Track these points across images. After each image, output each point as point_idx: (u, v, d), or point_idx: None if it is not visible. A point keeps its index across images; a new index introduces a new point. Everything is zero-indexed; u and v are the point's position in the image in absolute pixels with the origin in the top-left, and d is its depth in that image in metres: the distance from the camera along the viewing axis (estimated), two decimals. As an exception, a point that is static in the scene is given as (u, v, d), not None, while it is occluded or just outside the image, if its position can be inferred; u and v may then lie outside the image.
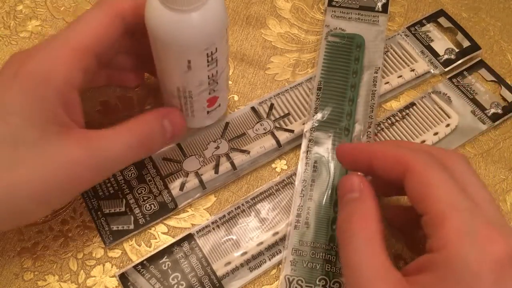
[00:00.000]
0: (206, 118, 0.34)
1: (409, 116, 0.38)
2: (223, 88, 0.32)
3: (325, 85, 0.37)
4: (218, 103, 0.33)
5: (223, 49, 0.29)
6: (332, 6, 0.42)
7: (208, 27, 0.27)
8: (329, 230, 0.32)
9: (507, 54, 0.42)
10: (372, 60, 0.39)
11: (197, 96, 0.31)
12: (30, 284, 0.31)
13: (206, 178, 0.34)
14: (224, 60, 0.30)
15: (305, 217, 0.32)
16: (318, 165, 0.34)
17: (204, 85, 0.30)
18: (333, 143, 0.35)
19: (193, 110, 0.32)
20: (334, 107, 0.36)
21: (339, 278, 0.30)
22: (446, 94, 0.39)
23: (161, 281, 0.31)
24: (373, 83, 0.38)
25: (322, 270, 0.31)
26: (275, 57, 0.41)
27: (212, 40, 0.27)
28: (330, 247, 0.31)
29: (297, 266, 0.31)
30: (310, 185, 0.34)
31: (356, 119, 0.36)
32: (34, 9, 0.42)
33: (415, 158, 0.26)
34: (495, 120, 0.38)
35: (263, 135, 0.36)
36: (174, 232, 0.33)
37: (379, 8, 0.41)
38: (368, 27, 0.40)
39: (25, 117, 0.26)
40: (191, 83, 0.30)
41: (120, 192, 0.34)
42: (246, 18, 0.43)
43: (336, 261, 0.31)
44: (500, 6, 0.45)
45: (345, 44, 0.39)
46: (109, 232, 0.32)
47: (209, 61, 0.28)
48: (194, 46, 0.27)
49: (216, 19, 0.27)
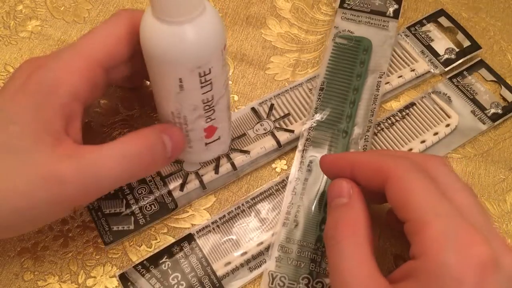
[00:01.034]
0: (204, 151, 0.32)
1: (409, 116, 0.38)
2: (223, 118, 0.30)
3: (328, 86, 0.37)
4: (217, 135, 0.31)
5: (219, 71, 0.27)
6: (343, 8, 0.42)
7: (199, 42, 0.25)
8: (317, 230, 0.32)
9: (507, 54, 0.42)
10: (378, 64, 0.39)
11: (192, 124, 0.29)
12: (30, 284, 0.31)
13: (206, 178, 0.34)
14: (221, 85, 0.28)
15: (294, 215, 0.33)
16: (313, 165, 0.34)
17: (199, 111, 0.28)
18: (330, 144, 0.35)
19: (189, 140, 0.30)
20: (335, 108, 0.36)
21: (322, 278, 0.30)
22: (446, 94, 0.39)
23: (161, 281, 0.31)
24: (376, 87, 0.37)
25: (306, 269, 0.31)
26: (275, 57, 0.41)
27: (205, 58, 0.25)
28: (317, 247, 0.31)
29: (282, 263, 0.31)
30: (303, 184, 0.34)
31: (356, 122, 0.36)
32: (34, 9, 0.42)
33: (395, 165, 0.25)
34: (495, 120, 0.38)
35: (263, 136, 0.36)
36: (174, 232, 0.33)
37: (390, 14, 0.41)
38: (377, 32, 0.40)
39: (24, 125, 0.25)
40: (185, 107, 0.28)
41: (120, 192, 0.34)
42: (246, 18, 0.43)
43: (321, 261, 0.31)
44: (500, 6, 0.45)
45: (352, 46, 0.39)
46: (109, 232, 0.32)
47: (202, 82, 0.26)
48: (184, 62, 0.25)
49: (209, 34, 0.25)
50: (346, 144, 0.35)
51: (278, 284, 0.31)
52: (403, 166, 0.25)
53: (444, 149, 0.37)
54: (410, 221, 0.24)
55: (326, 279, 0.30)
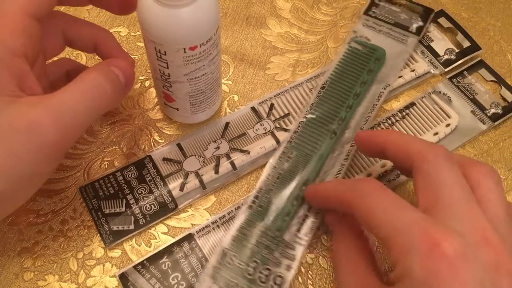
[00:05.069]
0: (165, 108, 0.36)
1: (409, 116, 0.38)
2: (181, 97, 0.33)
3: (330, 86, 0.37)
4: (175, 106, 0.34)
5: (176, 60, 0.30)
6: (367, 15, 0.42)
7: (161, 17, 0.28)
8: (280, 221, 0.32)
9: (507, 54, 0.42)
10: (386, 75, 0.38)
11: (155, 80, 0.34)
12: (30, 284, 0.31)
13: (206, 178, 0.34)
14: (178, 71, 0.31)
15: (262, 201, 0.33)
16: (295, 157, 0.34)
17: (156, 74, 0.32)
18: (316, 142, 0.35)
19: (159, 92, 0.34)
20: (330, 109, 0.36)
21: (271, 266, 0.31)
22: (446, 94, 0.39)
23: (161, 281, 0.31)
24: (378, 97, 0.37)
25: (258, 254, 0.31)
26: (275, 57, 0.41)
27: (159, 35, 0.28)
28: (275, 235, 0.31)
29: (238, 242, 0.31)
30: (279, 173, 0.33)
31: (349, 126, 0.36)
32: (34, 9, 0.42)
33: (358, 188, 0.28)
34: (495, 120, 0.38)
35: (263, 135, 0.36)
36: (174, 232, 0.33)
37: (413, 29, 0.41)
38: (394, 44, 0.40)
39: None
40: (150, 63, 0.33)
41: (120, 192, 0.34)
42: (246, 18, 0.43)
43: (275, 250, 0.31)
44: (500, 6, 0.45)
45: (365, 53, 0.39)
46: (109, 232, 0.32)
47: (158, 56, 0.30)
48: (143, 27, 0.29)
49: (158, 17, 0.28)
50: (332, 145, 0.34)
51: (227, 262, 0.30)
52: (365, 191, 0.27)
53: (444, 149, 0.37)
54: (380, 240, 0.25)
55: (275, 268, 0.30)
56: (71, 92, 0.27)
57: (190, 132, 0.36)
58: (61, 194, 0.34)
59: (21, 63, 0.26)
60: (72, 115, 0.26)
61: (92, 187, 0.34)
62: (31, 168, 0.26)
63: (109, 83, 0.28)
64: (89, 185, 0.34)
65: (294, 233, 0.32)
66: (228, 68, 0.40)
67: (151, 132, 0.36)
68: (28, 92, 0.26)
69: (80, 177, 0.34)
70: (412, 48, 0.40)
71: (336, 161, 0.34)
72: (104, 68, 0.29)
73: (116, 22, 0.42)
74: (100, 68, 0.29)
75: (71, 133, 0.27)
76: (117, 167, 0.35)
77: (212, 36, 0.29)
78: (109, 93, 0.28)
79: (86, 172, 0.35)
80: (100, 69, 0.28)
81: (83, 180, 0.34)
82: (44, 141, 0.25)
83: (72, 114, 0.26)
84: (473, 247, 0.23)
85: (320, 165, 0.34)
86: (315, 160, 0.34)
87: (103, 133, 0.36)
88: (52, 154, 0.26)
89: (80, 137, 0.36)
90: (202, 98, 0.34)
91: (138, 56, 0.40)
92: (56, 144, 0.26)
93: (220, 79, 0.35)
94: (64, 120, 0.26)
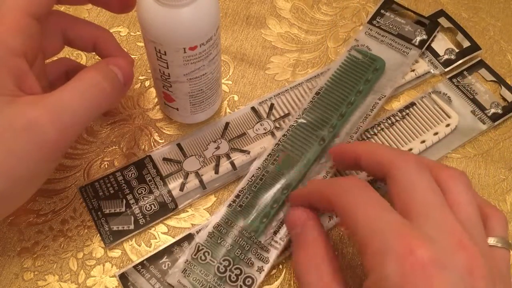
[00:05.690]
0: (165, 108, 0.36)
1: (409, 116, 0.38)
2: (181, 97, 0.33)
3: (325, 93, 0.37)
4: (175, 106, 0.34)
5: (176, 60, 0.30)
6: (371, 24, 0.41)
7: (160, 18, 0.28)
8: (257, 222, 0.32)
9: (507, 54, 0.42)
10: (383, 86, 0.38)
11: (155, 79, 0.34)
12: (30, 284, 0.31)
13: (206, 178, 0.34)
14: (178, 71, 0.31)
15: (242, 201, 0.32)
16: (281, 160, 0.34)
17: (156, 74, 0.32)
18: (303, 147, 0.34)
19: (160, 92, 0.34)
20: (322, 115, 0.36)
21: (243, 267, 0.31)
22: (446, 94, 0.39)
23: (161, 281, 0.31)
24: (371, 108, 0.36)
25: (232, 253, 0.31)
26: (275, 57, 0.41)
27: (159, 35, 0.28)
28: (251, 235, 0.31)
29: (213, 239, 0.31)
30: (262, 175, 0.33)
31: (339, 134, 0.35)
32: (34, 9, 0.42)
33: (336, 191, 0.27)
34: (495, 120, 0.38)
35: (263, 135, 0.36)
36: (174, 232, 0.33)
37: (416, 42, 0.40)
38: (395, 56, 0.39)
39: None
40: (150, 63, 0.33)
41: (120, 192, 0.34)
42: (246, 18, 0.43)
43: (248, 251, 0.31)
44: (500, 6, 0.45)
45: (364, 62, 0.38)
46: (109, 232, 0.32)
47: (158, 56, 0.30)
48: (144, 29, 0.29)
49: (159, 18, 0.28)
50: (320, 151, 0.34)
51: (200, 257, 0.31)
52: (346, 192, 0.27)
53: (444, 149, 0.37)
54: (355, 245, 0.25)
55: (247, 269, 0.30)
56: (70, 91, 0.27)
57: (190, 132, 0.36)
58: (61, 194, 0.34)
59: (21, 63, 0.26)
60: (71, 114, 0.26)
61: (92, 187, 0.34)
62: (30, 168, 0.26)
63: (108, 82, 0.28)
64: (89, 185, 0.34)
65: (270, 236, 0.32)
66: (228, 68, 0.40)
67: (151, 132, 0.36)
68: (28, 92, 0.26)
69: (80, 177, 0.34)
70: (412, 62, 0.40)
71: (322, 168, 0.34)
72: (103, 67, 0.29)
73: (116, 22, 0.42)
74: (99, 67, 0.29)
75: (70, 132, 0.27)
76: (117, 167, 0.35)
77: (212, 36, 0.29)
78: (108, 91, 0.28)
79: (86, 172, 0.35)
80: (98, 68, 0.28)
81: (83, 180, 0.34)
82: (43, 140, 0.25)
83: (71, 113, 0.26)
84: (448, 253, 0.23)
85: (305, 170, 0.33)
86: (300, 165, 0.33)
87: (103, 133, 0.36)
88: (51, 153, 0.26)
89: (80, 137, 0.36)
90: (202, 98, 0.34)
91: (138, 56, 0.40)
92: (55, 143, 0.26)
93: (220, 79, 0.35)
94: (63, 119, 0.26)
